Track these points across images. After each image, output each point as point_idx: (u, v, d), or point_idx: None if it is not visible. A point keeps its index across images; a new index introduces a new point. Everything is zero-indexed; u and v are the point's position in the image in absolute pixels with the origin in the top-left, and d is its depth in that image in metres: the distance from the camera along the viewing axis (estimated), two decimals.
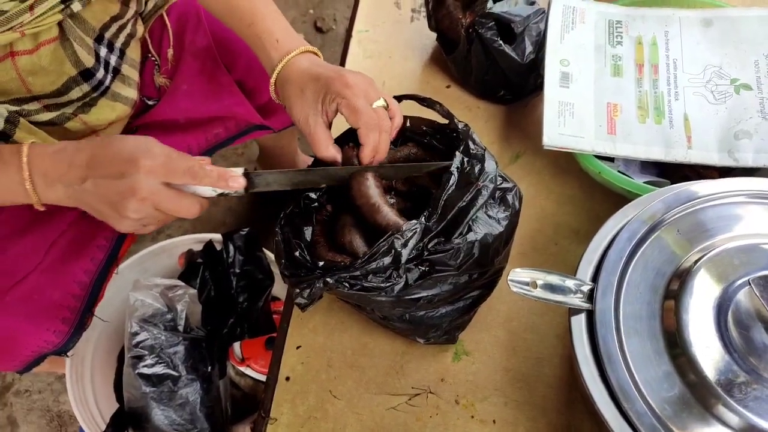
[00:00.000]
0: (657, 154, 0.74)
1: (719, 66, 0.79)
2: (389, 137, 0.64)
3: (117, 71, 0.79)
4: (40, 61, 0.67)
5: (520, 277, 0.54)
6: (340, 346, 0.71)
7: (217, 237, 1.26)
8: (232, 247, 1.22)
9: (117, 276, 0.91)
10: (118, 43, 0.77)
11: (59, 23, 0.67)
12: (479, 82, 0.89)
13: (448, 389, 0.68)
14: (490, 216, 0.57)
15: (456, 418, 0.67)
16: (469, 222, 0.56)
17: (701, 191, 0.57)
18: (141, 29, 0.84)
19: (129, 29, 0.80)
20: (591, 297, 0.53)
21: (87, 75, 0.72)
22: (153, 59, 0.91)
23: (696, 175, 0.75)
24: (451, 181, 0.57)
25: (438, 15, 0.90)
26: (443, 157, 0.65)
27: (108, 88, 0.78)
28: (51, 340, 0.82)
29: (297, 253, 0.58)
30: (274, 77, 0.70)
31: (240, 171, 0.60)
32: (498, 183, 0.59)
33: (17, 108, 0.70)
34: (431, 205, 0.56)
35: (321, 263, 0.57)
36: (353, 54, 0.98)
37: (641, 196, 0.62)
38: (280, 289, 1.29)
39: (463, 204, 0.56)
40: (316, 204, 0.65)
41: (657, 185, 0.74)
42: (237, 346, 1.16)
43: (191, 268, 1.22)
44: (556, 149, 0.76)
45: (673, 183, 0.67)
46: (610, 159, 0.77)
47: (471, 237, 0.55)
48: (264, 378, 1.07)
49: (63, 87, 0.71)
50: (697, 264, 0.52)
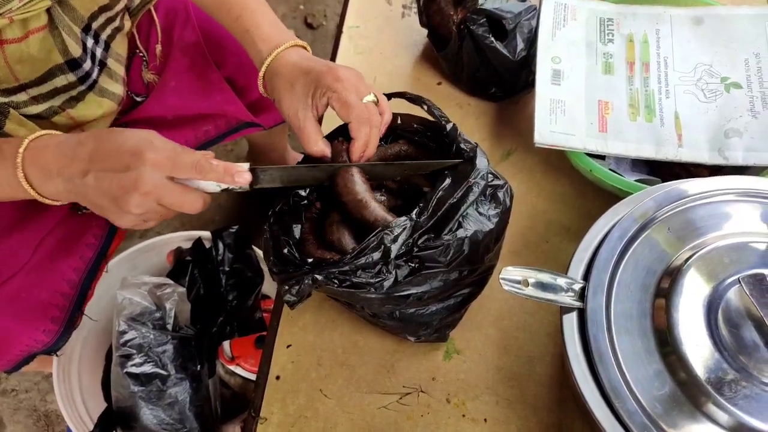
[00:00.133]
0: (648, 152, 0.74)
1: (710, 64, 0.79)
2: (379, 133, 0.64)
3: (103, 64, 0.78)
4: (28, 49, 0.66)
5: (511, 275, 0.53)
6: (330, 344, 0.71)
7: (207, 234, 1.25)
8: (221, 245, 1.22)
9: (106, 274, 0.90)
10: (103, 35, 0.77)
11: (48, 10, 0.66)
12: (470, 78, 0.89)
13: (439, 388, 0.68)
14: (480, 213, 0.57)
15: (447, 416, 0.67)
16: (460, 219, 0.55)
17: (692, 189, 0.57)
18: (128, 24, 0.83)
19: (117, 23, 0.79)
20: (582, 295, 0.53)
21: (73, 65, 0.72)
22: (141, 55, 0.90)
23: (686, 174, 0.75)
24: (448, 180, 0.57)
25: (429, 11, 0.90)
26: (434, 155, 0.65)
27: (95, 82, 0.77)
28: (41, 339, 0.81)
29: (285, 250, 0.57)
30: (262, 71, 0.70)
31: (246, 166, 0.59)
32: (489, 180, 0.59)
33: (6, 99, 0.69)
34: (423, 202, 0.55)
35: (310, 260, 0.56)
36: (344, 50, 0.97)
37: (632, 194, 0.62)
38: (270, 288, 1.29)
39: (454, 201, 0.56)
40: (305, 202, 0.64)
41: (648, 183, 0.74)
42: (226, 344, 1.16)
43: (180, 265, 1.21)
44: (547, 147, 0.76)
45: (664, 181, 0.68)
46: (601, 157, 0.77)
47: (461, 234, 0.55)
48: (254, 377, 1.07)
49: (47, 74, 0.70)
50: (688, 262, 0.52)
